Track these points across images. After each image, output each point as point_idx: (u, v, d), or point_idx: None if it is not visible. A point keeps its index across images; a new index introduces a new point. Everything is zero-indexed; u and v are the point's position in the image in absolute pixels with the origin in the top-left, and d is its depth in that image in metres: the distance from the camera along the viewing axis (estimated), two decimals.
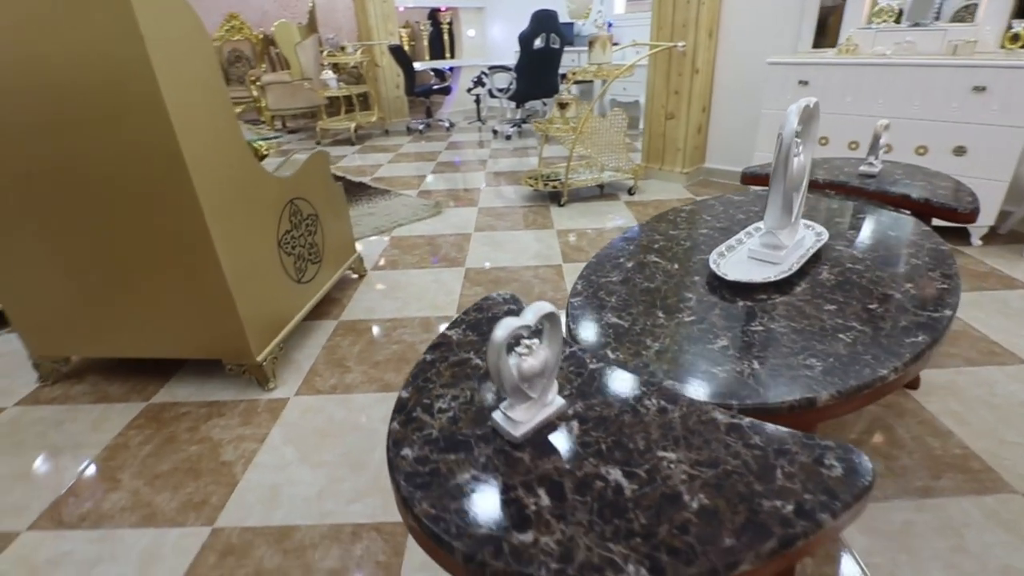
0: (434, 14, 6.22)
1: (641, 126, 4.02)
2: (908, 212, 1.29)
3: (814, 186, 1.51)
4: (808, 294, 0.93)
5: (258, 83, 5.39)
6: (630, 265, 1.09)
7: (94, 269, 1.46)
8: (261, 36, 6.31)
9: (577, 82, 3.50)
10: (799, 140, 1.02)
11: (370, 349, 1.79)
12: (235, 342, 1.53)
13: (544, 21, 4.34)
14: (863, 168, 1.51)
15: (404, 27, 6.13)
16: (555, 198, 3.13)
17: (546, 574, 0.45)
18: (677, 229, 1.27)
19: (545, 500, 0.53)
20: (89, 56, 1.17)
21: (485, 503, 0.53)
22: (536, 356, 0.59)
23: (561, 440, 0.60)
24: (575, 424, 0.62)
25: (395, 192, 3.48)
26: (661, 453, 0.57)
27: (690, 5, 2.89)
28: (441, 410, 0.66)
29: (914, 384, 1.46)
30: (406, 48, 5.75)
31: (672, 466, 0.56)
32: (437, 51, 6.34)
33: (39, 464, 1.36)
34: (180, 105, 1.25)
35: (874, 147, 1.47)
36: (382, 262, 2.48)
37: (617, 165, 3.13)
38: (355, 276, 2.32)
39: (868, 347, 0.78)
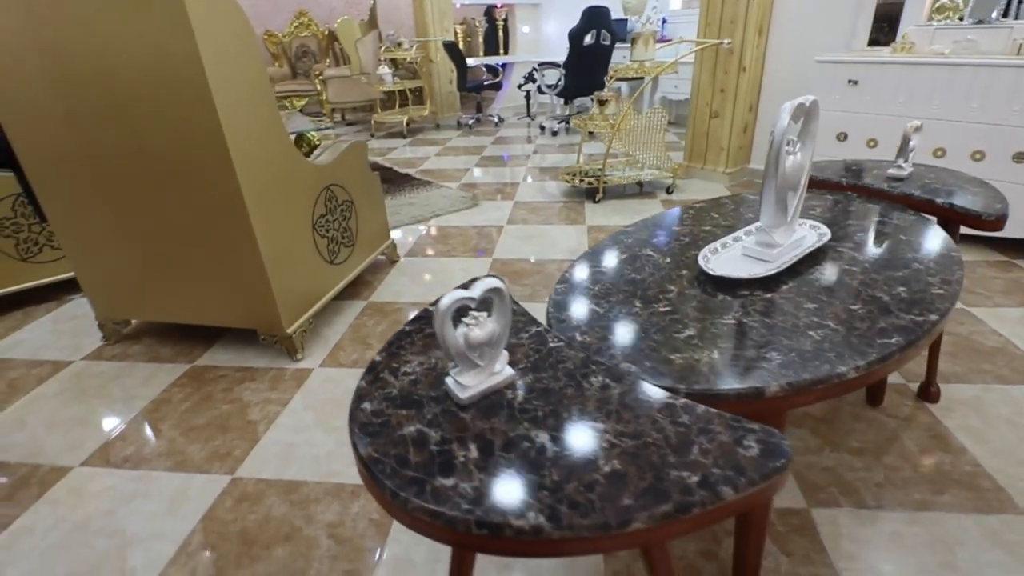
0: (490, 11, 6.32)
1: None
2: (930, 217, 1.24)
3: (836, 188, 1.48)
4: (792, 292, 0.94)
5: (320, 77, 5.68)
6: (623, 257, 1.12)
7: (151, 241, 1.63)
8: (327, 32, 6.63)
9: (621, 79, 3.48)
10: (796, 139, 1.02)
11: (393, 329, 1.90)
12: (268, 314, 1.67)
13: (595, 17, 4.33)
14: (891, 171, 1.45)
15: (460, 24, 6.27)
16: (591, 195, 3.15)
17: (455, 511, 0.51)
18: (681, 225, 1.29)
19: (474, 454, 0.58)
20: (148, 50, 1.32)
21: (421, 452, 0.59)
22: (483, 327, 0.64)
23: (502, 405, 0.65)
24: (520, 393, 0.67)
25: (437, 184, 3.60)
26: (591, 423, 0.62)
27: (739, 1, 2.82)
28: (405, 373, 0.73)
29: (933, 397, 1.40)
30: (460, 44, 5.89)
31: (597, 435, 0.60)
32: (491, 47, 6.44)
33: (96, 411, 1.55)
34: (225, 96, 1.39)
35: (903, 149, 1.42)
36: (415, 249, 2.60)
37: (656, 163, 3.11)
38: (388, 261, 2.44)
39: (835, 345, 0.78)
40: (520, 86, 5.75)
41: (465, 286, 0.67)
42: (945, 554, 1.03)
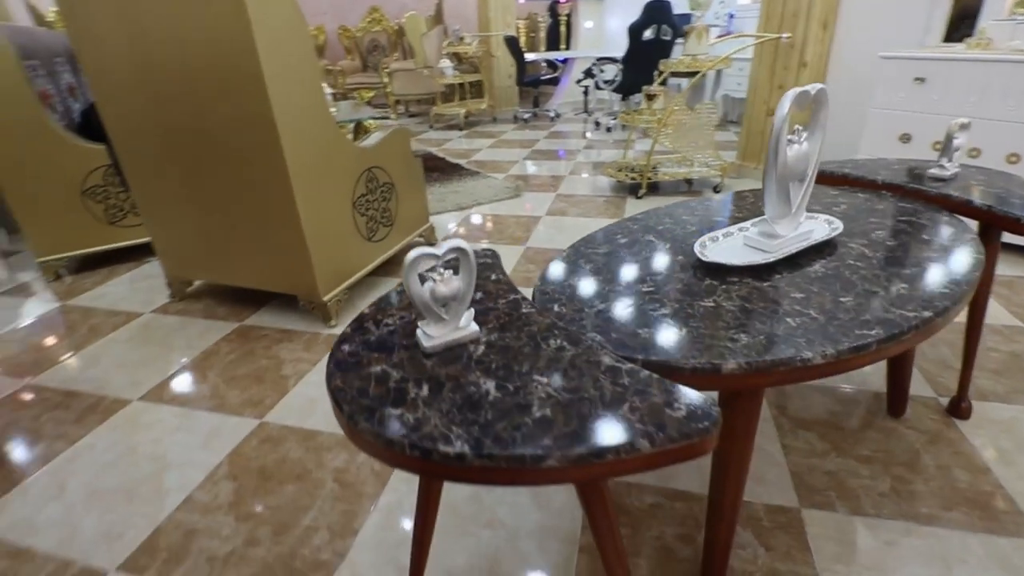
0: (553, 6, 6.34)
1: None
2: (963, 219, 1.17)
3: (870, 187, 1.42)
4: (782, 281, 0.93)
5: (387, 70, 5.94)
6: (624, 241, 1.14)
7: (211, 211, 1.82)
8: (396, 27, 6.90)
9: (675, 74, 3.41)
10: (801, 128, 1.00)
11: None
12: (307, 282, 1.81)
13: (656, 12, 4.26)
14: (933, 171, 1.37)
15: (524, 19, 6.32)
16: (635, 190, 3.13)
17: (395, 434, 0.58)
18: (692, 215, 1.29)
19: (424, 392, 0.65)
20: (212, 40, 1.48)
21: (380, 387, 0.66)
22: (448, 284, 0.71)
23: (461, 356, 0.71)
24: (480, 347, 0.73)
25: (484, 174, 3.70)
26: (537, 377, 0.67)
27: None
28: (386, 324, 0.80)
29: (963, 413, 1.32)
30: (522, 40, 5.96)
31: (539, 387, 0.65)
32: (554, 42, 6.46)
33: (156, 356, 1.75)
34: (277, 83, 1.53)
35: (946, 148, 1.34)
36: (452, 234, 2.70)
37: (705, 160, 3.04)
38: (426, 244, 2.56)
39: (809, 332, 0.78)
40: (579, 81, 5.75)
41: (489, 262, 0.73)
42: (941, 569, 0.98)
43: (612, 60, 4.87)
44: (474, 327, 0.75)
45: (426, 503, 0.83)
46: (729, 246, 1.07)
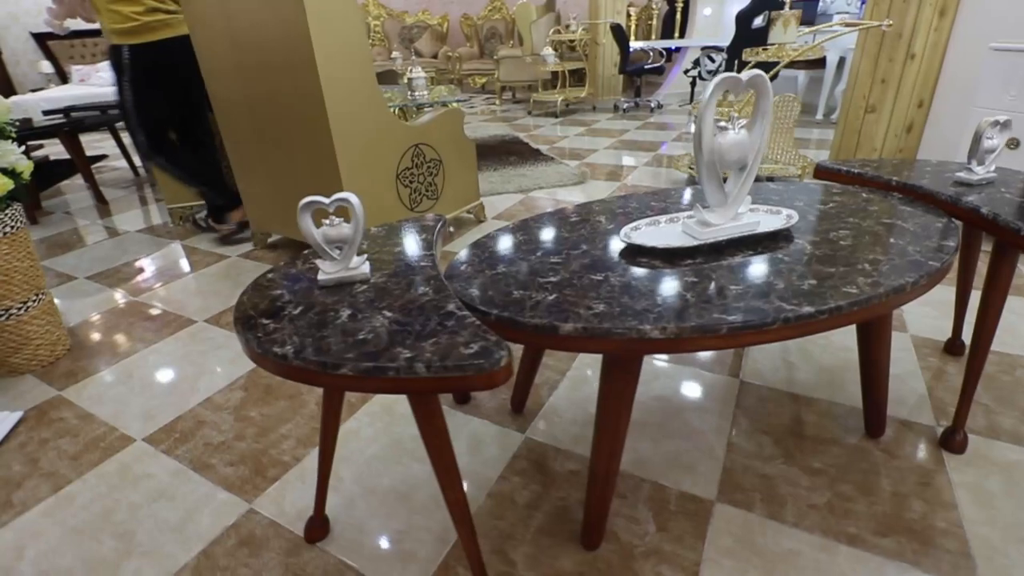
0: None
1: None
2: (956, 222, 1.05)
3: (881, 187, 1.29)
4: (688, 266, 0.94)
5: (495, 57, 6.18)
6: (573, 220, 1.20)
7: (281, 173, 2.14)
8: (514, 15, 7.10)
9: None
10: (736, 115, 0.98)
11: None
12: None
13: None
14: (960, 175, 1.22)
15: (633, 6, 6.16)
16: None
17: (251, 335, 0.74)
18: (665, 201, 1.29)
19: (296, 312, 0.80)
20: (278, 22, 1.75)
21: (269, 304, 0.83)
22: (337, 229, 0.85)
23: (343, 290, 0.86)
24: (363, 286, 0.87)
25: (558, 161, 3.77)
26: (385, 312, 0.79)
27: None
28: (310, 262, 0.97)
29: (956, 446, 1.18)
30: (632, 27, 5.84)
31: (380, 319, 0.77)
32: (668, 30, 6.23)
33: (227, 289, 2.13)
34: (328, 67, 1.77)
35: (974, 150, 1.18)
36: (504, 214, 2.83)
37: (784, 158, 2.83)
38: (475, 220, 2.72)
39: (668, 310, 0.80)
40: (687, 71, 5.51)
41: (431, 226, 0.87)
42: None
43: (717, 49, 4.61)
44: (365, 269, 0.89)
45: (327, 416, 0.99)
46: (665, 231, 1.08)
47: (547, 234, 1.12)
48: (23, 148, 1.57)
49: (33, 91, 5.84)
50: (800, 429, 1.28)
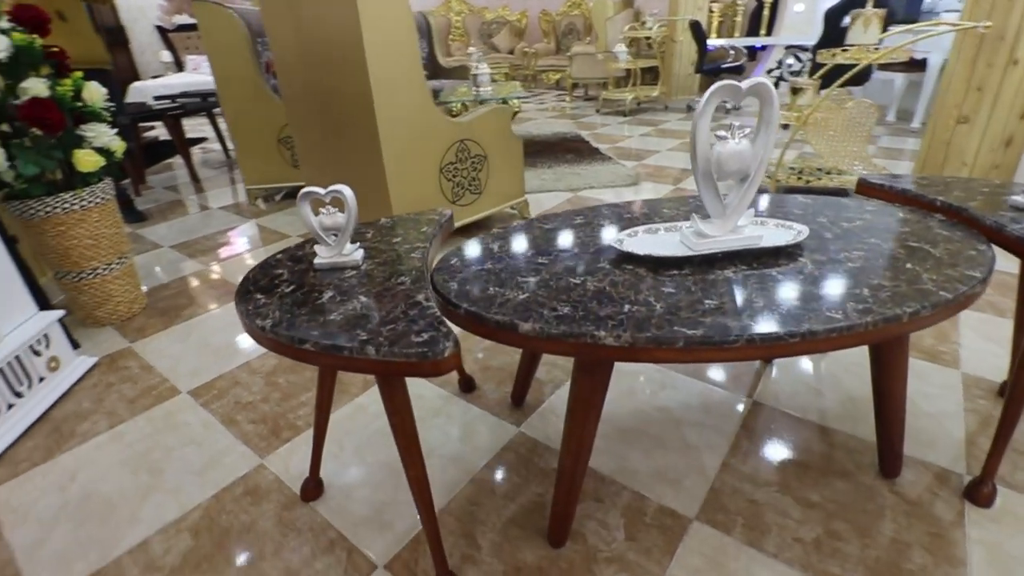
0: None
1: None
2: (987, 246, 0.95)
3: (925, 207, 1.19)
4: (674, 276, 0.92)
5: (568, 53, 6.15)
6: (577, 222, 1.21)
7: (337, 159, 2.29)
8: (590, 11, 7.02)
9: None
10: (737, 125, 0.95)
11: None
12: None
13: None
14: (1017, 198, 1.09)
15: (716, 2, 5.88)
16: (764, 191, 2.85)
17: (244, 307, 0.83)
18: (678, 209, 1.26)
19: (288, 289, 0.89)
20: (337, 25, 1.88)
21: (268, 281, 0.92)
22: (331, 218, 0.92)
23: (332, 274, 0.93)
24: (352, 272, 0.94)
25: (615, 161, 3.71)
26: (362, 296, 0.85)
27: None
28: (311, 248, 1.05)
29: (981, 499, 1.08)
30: (714, 24, 5.59)
31: (355, 302, 0.83)
32: (754, 27, 5.89)
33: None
34: (377, 64, 1.87)
35: None
36: (549, 212, 2.85)
37: (855, 168, 2.62)
38: (519, 216, 2.76)
39: (631, 318, 0.80)
40: (770, 71, 5.20)
41: (437, 220, 0.94)
42: None
43: (799, 48, 4.31)
44: (356, 256, 0.96)
45: (320, 389, 1.08)
46: (660, 239, 1.06)
47: (547, 234, 1.14)
48: (130, 130, 1.80)
49: (153, 78, 6.57)
50: (806, 458, 1.21)
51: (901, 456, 1.14)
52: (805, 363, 1.54)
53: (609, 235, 1.11)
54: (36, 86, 1.54)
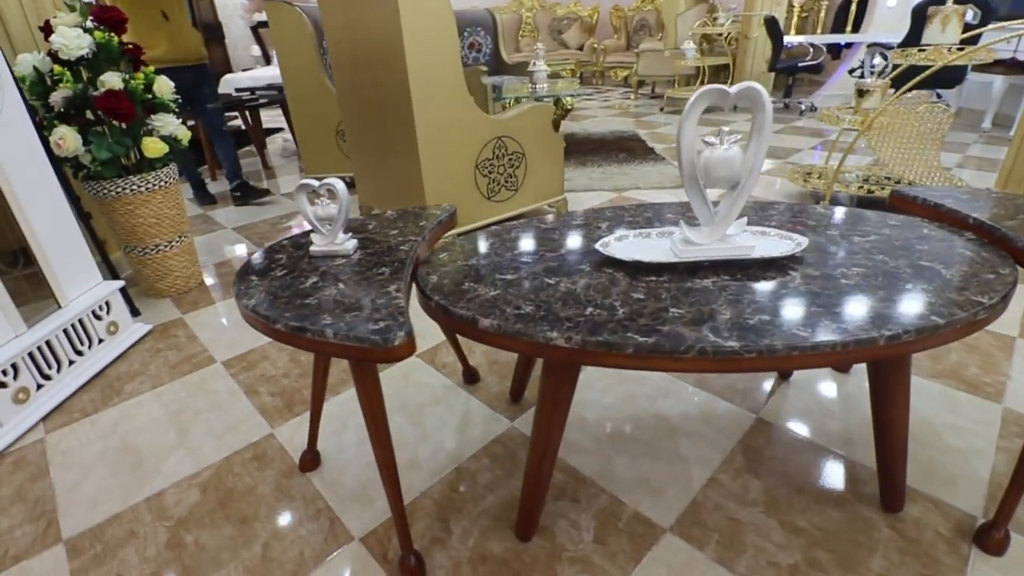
0: None
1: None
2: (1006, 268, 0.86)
3: (957, 223, 1.09)
4: (648, 284, 0.91)
5: (636, 50, 6.01)
6: (575, 223, 1.21)
7: (378, 155, 2.40)
8: (660, 6, 6.81)
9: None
10: (726, 130, 0.92)
11: None
12: None
13: None
14: None
15: None
16: (818, 200, 2.68)
17: (239, 287, 0.92)
18: (681, 214, 1.23)
19: (280, 273, 0.96)
20: (381, 27, 1.97)
21: (265, 265, 1.00)
22: (325, 208, 0.99)
23: (324, 261, 1.00)
24: (342, 260, 1.00)
25: (668, 162, 3.61)
26: (341, 284, 0.91)
27: None
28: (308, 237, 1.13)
29: (992, 546, 0.99)
30: (794, 20, 5.27)
31: (335, 288, 0.89)
32: (840, 24, 5.49)
33: None
34: (416, 62, 1.94)
35: None
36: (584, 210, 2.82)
37: (926, 179, 2.40)
38: (557, 214, 2.76)
39: (590, 321, 0.80)
40: (852, 71, 4.84)
41: (443, 215, 1.01)
42: None
43: (882, 46, 3.98)
44: (348, 246, 1.02)
45: (315, 370, 1.16)
46: (647, 244, 1.05)
47: (542, 234, 1.15)
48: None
49: (243, 71, 7.11)
50: (801, 482, 1.15)
51: (903, 490, 1.05)
52: (825, 382, 1.45)
53: (600, 237, 1.11)
54: (112, 79, 1.74)
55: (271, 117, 6.26)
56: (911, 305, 0.80)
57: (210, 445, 1.35)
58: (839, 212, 1.20)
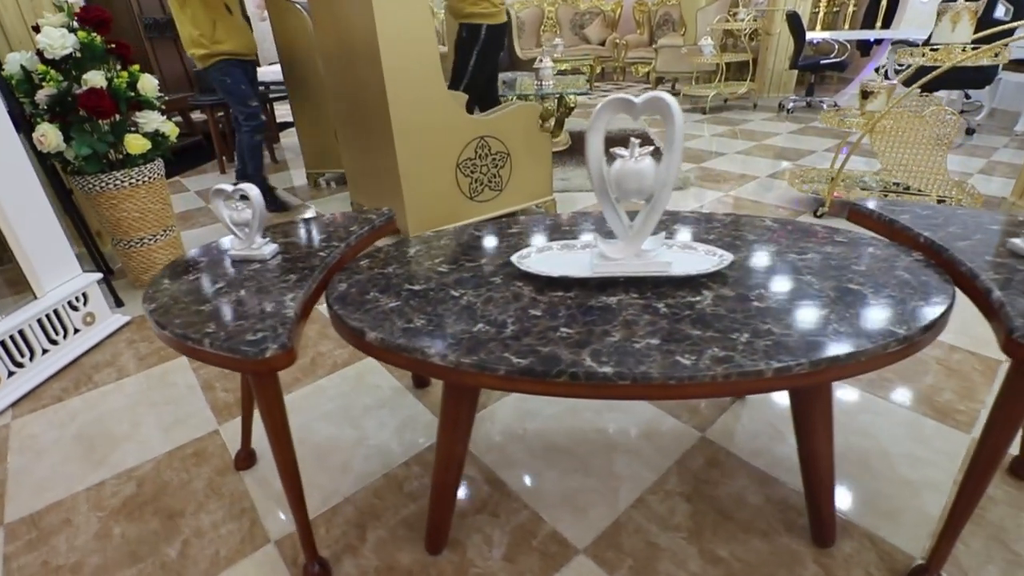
0: None
1: None
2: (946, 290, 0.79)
3: (909, 242, 1.01)
4: (551, 301, 0.88)
5: (654, 46, 5.87)
6: (511, 231, 1.18)
7: (365, 151, 2.41)
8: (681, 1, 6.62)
9: (920, 68, 2.50)
10: (637, 142, 0.87)
11: None
12: (402, 217, 2.26)
13: None
14: (1017, 241, 0.90)
15: None
16: (819, 205, 2.57)
17: (150, 296, 0.93)
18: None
19: (193, 276, 0.97)
20: (361, 27, 1.97)
21: (185, 267, 1.01)
22: (240, 213, 0.99)
23: (240, 265, 1.00)
24: (257, 264, 1.00)
25: None
26: (243, 292, 0.91)
27: None
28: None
29: None
30: (820, 15, 5.05)
31: (235, 295, 0.89)
32: (870, 19, 5.23)
33: None
34: (391, 57, 1.94)
35: None
36: (580, 211, 2.77)
37: (933, 188, 2.27)
38: (545, 213, 2.72)
39: (476, 337, 0.78)
40: (878, 69, 4.61)
41: (383, 218, 1.01)
42: None
43: (907, 44, 3.77)
44: (267, 251, 1.02)
45: (243, 375, 1.17)
46: (570, 258, 1.01)
47: (469, 243, 1.13)
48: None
49: (269, 65, 7.25)
50: (732, 509, 1.10)
51: (832, 524, 0.99)
52: (784, 403, 1.39)
53: (527, 248, 1.08)
54: (95, 78, 1.79)
55: (286, 112, 6.36)
56: (819, 334, 0.75)
57: (158, 438, 1.38)
58: (786, 226, 1.14)
